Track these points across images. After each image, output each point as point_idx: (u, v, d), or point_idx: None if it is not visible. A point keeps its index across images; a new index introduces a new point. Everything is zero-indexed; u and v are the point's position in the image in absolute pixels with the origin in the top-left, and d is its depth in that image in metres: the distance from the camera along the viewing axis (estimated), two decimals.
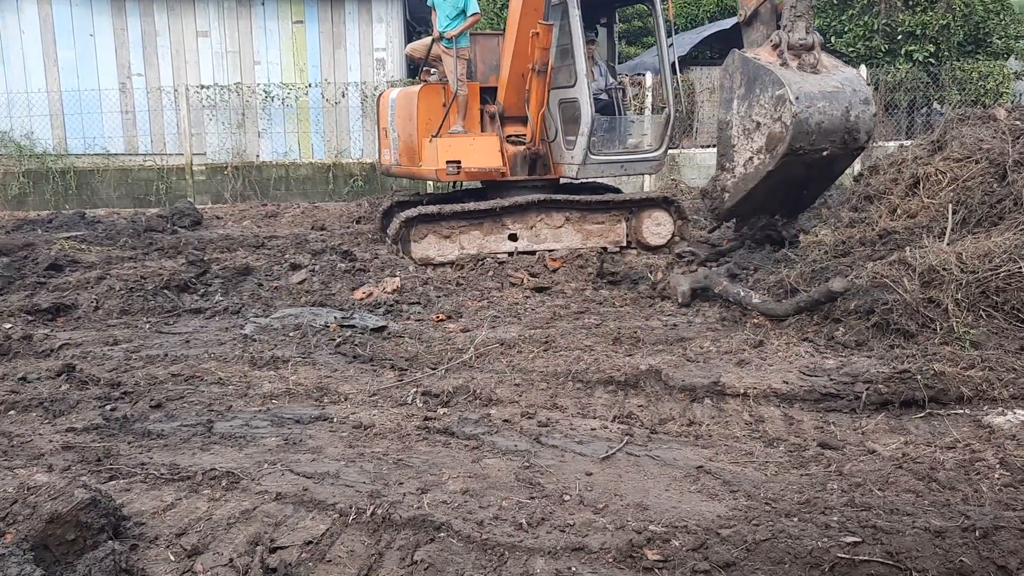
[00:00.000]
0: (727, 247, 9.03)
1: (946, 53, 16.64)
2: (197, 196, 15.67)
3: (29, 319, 6.91)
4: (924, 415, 4.64)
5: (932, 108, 17.08)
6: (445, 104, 9.59)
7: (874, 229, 7.08)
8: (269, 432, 4.47)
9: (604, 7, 10.48)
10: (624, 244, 10.04)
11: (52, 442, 4.28)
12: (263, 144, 16.53)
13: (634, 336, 6.27)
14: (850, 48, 17.22)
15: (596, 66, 10.10)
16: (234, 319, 7.03)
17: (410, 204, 10.64)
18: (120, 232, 11.04)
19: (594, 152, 9.45)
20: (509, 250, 9.59)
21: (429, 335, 6.50)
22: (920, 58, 16.52)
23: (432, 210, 9.44)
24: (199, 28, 16.23)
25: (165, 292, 7.65)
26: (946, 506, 3.39)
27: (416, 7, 16.66)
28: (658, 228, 10.04)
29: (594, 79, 9.92)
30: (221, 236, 11.06)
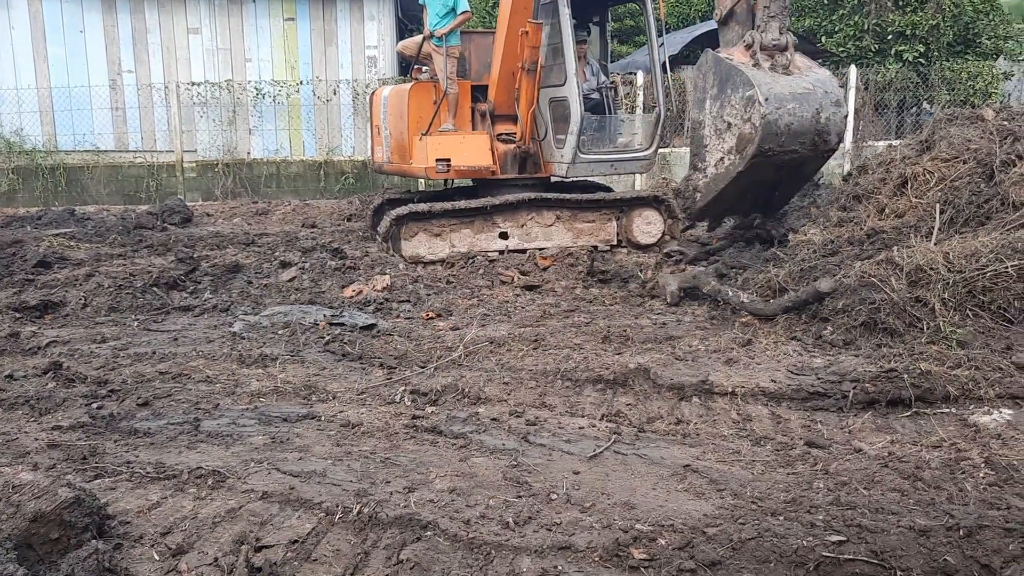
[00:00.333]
0: (716, 246, 9.05)
1: (936, 53, 16.70)
2: (187, 193, 15.62)
3: (17, 316, 6.89)
4: (911, 414, 4.65)
5: (922, 108, 17.13)
6: (436, 102, 9.58)
7: (862, 228, 7.10)
8: (256, 430, 4.46)
9: (596, 6, 10.49)
10: (614, 243, 10.05)
11: (37, 440, 4.26)
12: (254, 141, 16.49)
13: (623, 335, 6.28)
14: (840, 48, 17.26)
15: (588, 65, 10.11)
16: (223, 317, 7.01)
17: (401, 202, 10.63)
18: (110, 229, 11.00)
19: (584, 151, 9.46)
20: (500, 248, 9.59)
21: (418, 333, 6.49)
22: (910, 58, 16.58)
23: (423, 208, 9.43)
24: (190, 25, 16.17)
25: (154, 290, 7.62)
26: (931, 505, 3.40)
27: (408, 5, 16.64)
28: (648, 227, 10.05)
29: (586, 78, 9.93)
30: (211, 233, 11.03)
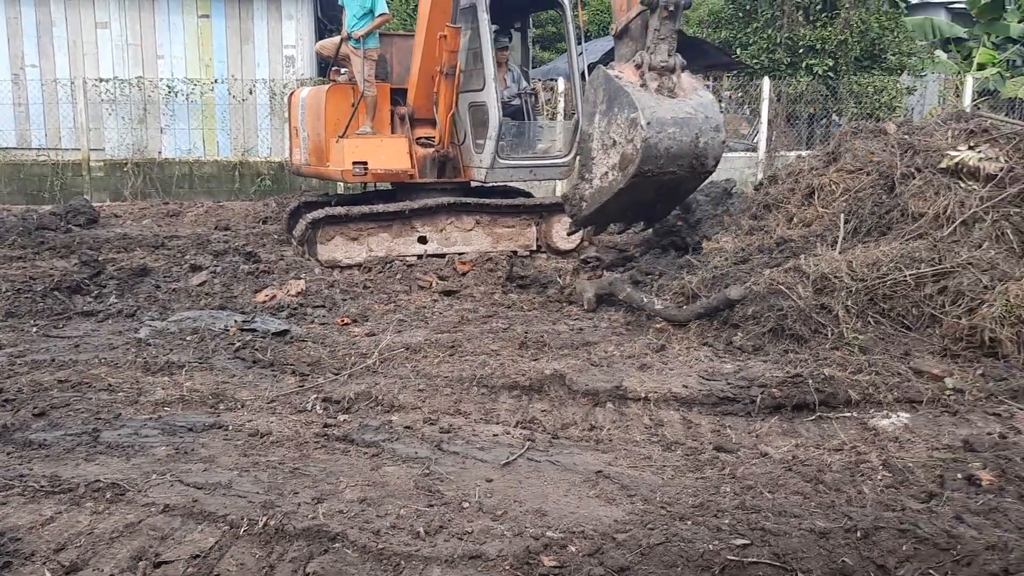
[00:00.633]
0: (633, 252, 9.19)
1: (844, 67, 17.32)
2: (94, 193, 15.06)
3: None
4: (815, 418, 4.80)
5: (832, 120, 17.75)
6: (353, 104, 9.47)
7: (772, 237, 7.30)
8: (159, 441, 4.31)
9: (517, 12, 10.52)
10: (534, 248, 10.09)
11: None
12: (166, 140, 16.01)
13: (540, 340, 6.30)
14: (754, 60, 17.75)
15: (509, 71, 10.14)
16: (128, 322, 6.76)
17: (318, 205, 10.46)
18: (9, 230, 10.49)
19: (503, 156, 9.47)
20: (418, 253, 9.53)
21: (333, 339, 6.39)
22: (820, 71, 17.15)
23: (340, 211, 9.30)
24: (98, 19, 15.60)
25: (55, 294, 7.31)
26: (831, 507, 3.50)
27: (328, 4, 16.41)
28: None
29: (506, 84, 9.95)
30: (118, 235, 10.65)
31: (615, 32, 7.25)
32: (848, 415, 4.81)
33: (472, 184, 10.25)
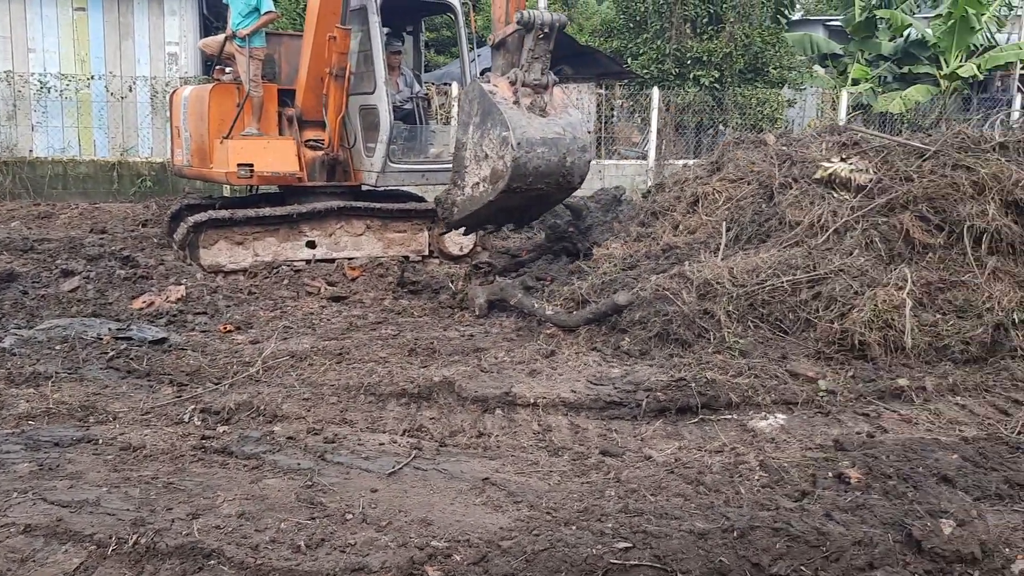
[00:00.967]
0: (525, 258, 9.25)
1: (729, 79, 17.96)
2: None
3: None
4: (697, 421, 4.92)
5: (719, 130, 18.36)
6: (238, 104, 9.19)
7: (659, 244, 7.46)
8: (22, 457, 4.06)
9: (410, 15, 10.43)
10: (426, 253, 10.00)
11: None
12: (37, 138, 15.17)
13: (430, 347, 6.25)
14: (644, 70, 18.19)
15: (402, 75, 10.04)
16: None
17: (201, 207, 10.09)
18: None
19: (395, 160, 9.37)
20: (307, 258, 9.32)
21: (214, 347, 6.17)
22: (706, 83, 17.72)
23: (224, 215, 9.00)
24: None
25: None
26: (710, 509, 3.59)
27: (213, 0, 15.90)
28: (460, 238, 10.08)
29: (399, 88, 9.86)
30: None
31: (492, 43, 7.32)
32: (729, 417, 4.95)
33: (363, 188, 10.11)
